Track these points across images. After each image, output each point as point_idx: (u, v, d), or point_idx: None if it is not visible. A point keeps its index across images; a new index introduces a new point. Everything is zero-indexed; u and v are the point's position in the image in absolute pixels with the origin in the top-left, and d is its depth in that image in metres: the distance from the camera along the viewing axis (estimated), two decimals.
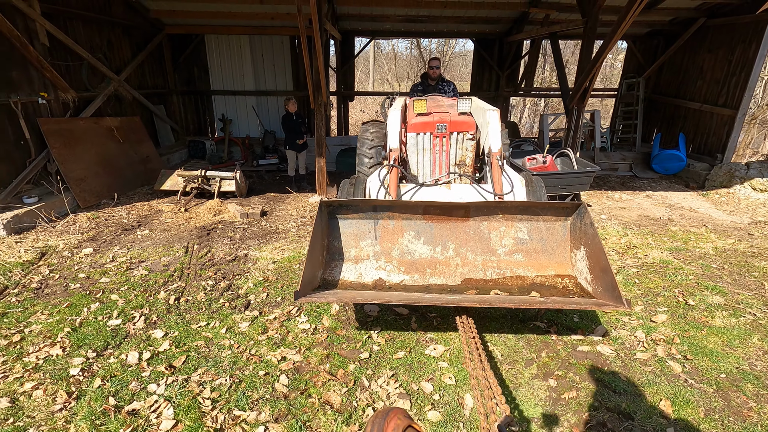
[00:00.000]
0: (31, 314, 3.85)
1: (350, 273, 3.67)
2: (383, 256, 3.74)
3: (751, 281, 4.42)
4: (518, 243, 3.69)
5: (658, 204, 7.90)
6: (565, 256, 3.61)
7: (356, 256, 3.74)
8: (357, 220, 3.71)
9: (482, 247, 3.71)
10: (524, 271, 3.64)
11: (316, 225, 3.32)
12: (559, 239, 3.64)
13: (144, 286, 4.38)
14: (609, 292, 2.89)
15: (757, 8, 8.91)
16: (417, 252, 3.74)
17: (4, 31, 5.94)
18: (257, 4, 9.13)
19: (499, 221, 3.68)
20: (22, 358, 3.23)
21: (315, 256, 3.35)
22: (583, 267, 3.39)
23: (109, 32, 8.56)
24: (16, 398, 2.84)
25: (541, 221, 3.64)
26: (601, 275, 3.08)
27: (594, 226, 3.21)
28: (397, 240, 3.75)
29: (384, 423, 1.25)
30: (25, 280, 4.53)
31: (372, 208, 3.69)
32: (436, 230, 3.73)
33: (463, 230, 3.72)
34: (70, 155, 6.93)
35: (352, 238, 3.74)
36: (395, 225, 3.74)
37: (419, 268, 3.70)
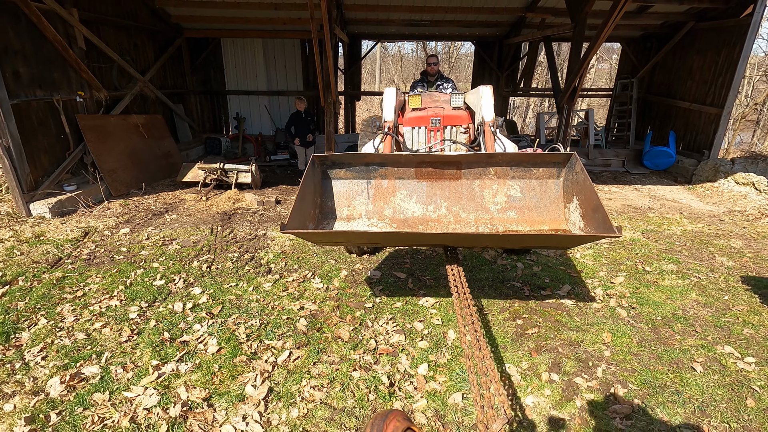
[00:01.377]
0: (87, 277, 4.60)
1: (341, 229, 3.71)
2: (375, 215, 3.78)
3: (706, 254, 5.10)
4: (511, 200, 3.69)
5: (644, 196, 8.55)
6: (559, 212, 3.59)
7: (348, 215, 3.77)
8: (349, 179, 3.75)
9: (475, 205, 3.73)
10: (517, 226, 3.65)
11: (306, 175, 3.33)
12: (552, 196, 3.62)
13: (179, 257, 5.13)
14: (602, 225, 2.88)
15: (740, 12, 9.57)
16: (409, 210, 3.78)
17: (48, 37, 6.75)
18: (271, 10, 9.90)
19: (492, 179, 3.69)
20: (87, 307, 3.99)
21: (304, 206, 3.36)
22: (576, 217, 3.36)
23: (136, 36, 9.38)
24: (89, 333, 3.59)
25: (533, 179, 3.63)
26: (592, 215, 3.07)
27: (585, 172, 3.18)
28: (390, 199, 3.79)
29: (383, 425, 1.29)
30: (75, 252, 5.30)
31: (364, 164, 3.70)
32: (428, 189, 3.76)
33: (456, 188, 3.74)
34: (103, 148, 7.72)
35: (345, 197, 3.78)
36: (388, 184, 3.77)
37: (411, 225, 3.74)
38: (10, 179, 6.23)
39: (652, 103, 12.32)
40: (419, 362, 3.19)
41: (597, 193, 3.00)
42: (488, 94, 4.63)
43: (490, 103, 4.55)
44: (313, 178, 3.59)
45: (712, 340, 3.38)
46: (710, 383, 2.90)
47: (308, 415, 2.71)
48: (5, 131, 6.03)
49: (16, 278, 4.51)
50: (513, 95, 13.45)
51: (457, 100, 4.92)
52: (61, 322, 3.75)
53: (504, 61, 12.52)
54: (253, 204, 7.50)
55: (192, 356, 3.28)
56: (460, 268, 3.12)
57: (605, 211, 2.83)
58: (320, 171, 3.69)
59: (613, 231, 2.68)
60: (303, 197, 3.26)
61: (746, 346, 3.29)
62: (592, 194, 3.07)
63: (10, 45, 6.23)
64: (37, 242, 5.46)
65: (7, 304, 3.98)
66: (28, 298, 4.13)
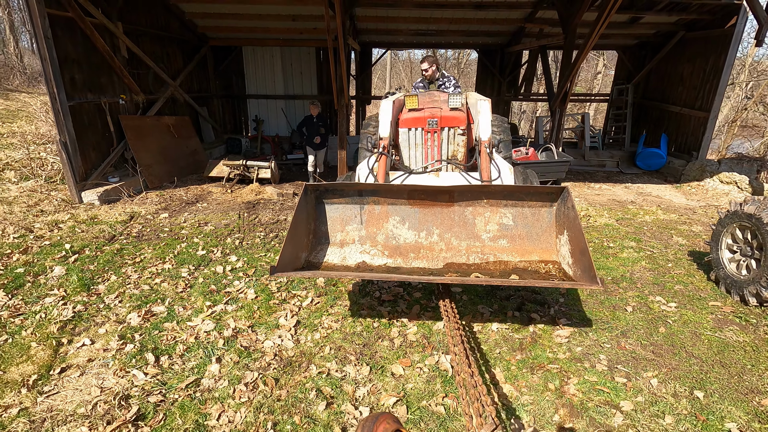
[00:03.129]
0: (140, 249, 5.58)
1: (335, 256, 3.77)
2: (368, 240, 3.82)
3: (666, 236, 5.95)
4: (503, 228, 3.72)
5: (631, 192, 9.38)
6: (550, 242, 3.61)
7: (342, 240, 3.82)
8: (343, 204, 3.79)
9: (467, 233, 3.76)
10: (508, 256, 3.66)
11: (299, 206, 3.40)
12: (544, 225, 3.64)
13: (214, 235, 6.10)
14: (586, 272, 2.95)
15: (725, 23, 10.40)
16: (402, 237, 3.81)
17: (98, 47, 7.82)
18: (289, 21, 10.95)
19: (484, 207, 3.71)
20: (146, 269, 4.96)
21: (297, 236, 3.46)
22: (566, 252, 3.40)
23: (168, 46, 10.47)
24: (152, 286, 4.56)
25: (526, 207, 3.64)
26: (579, 257, 3.11)
27: (575, 209, 3.23)
28: (383, 225, 3.83)
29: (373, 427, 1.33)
30: (125, 231, 6.30)
31: (357, 192, 3.74)
32: (421, 215, 3.80)
33: (448, 215, 3.77)
34: (141, 146, 8.77)
35: (338, 222, 3.83)
36: (381, 210, 3.81)
37: (403, 252, 3.77)
38: (66, 170, 7.27)
39: (647, 107, 13.12)
40: (412, 305, 4.11)
41: (584, 235, 3.05)
42: (486, 109, 4.45)
43: (488, 120, 4.41)
44: (306, 207, 3.63)
45: (647, 292, 4.27)
46: (635, 319, 3.79)
47: (327, 337, 3.64)
48: (64, 129, 7.09)
49: (82, 249, 5.51)
50: (514, 99, 14.36)
51: (455, 101, 4.75)
52: (128, 279, 4.73)
53: (506, 67, 13.44)
54: (273, 195, 8.48)
55: (235, 301, 4.24)
56: (452, 304, 3.21)
57: (590, 257, 2.90)
58: (314, 198, 3.74)
59: (596, 282, 2.76)
60: (295, 229, 3.35)
61: (672, 297, 4.17)
62: (579, 234, 3.11)
63: (69, 55, 7.31)
64: (92, 223, 6.48)
65: (80, 267, 4.97)
66: (96, 262, 5.12)
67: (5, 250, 5.28)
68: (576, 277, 3.16)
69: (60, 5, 6.95)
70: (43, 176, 8.13)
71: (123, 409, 2.83)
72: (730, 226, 4.27)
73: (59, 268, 4.90)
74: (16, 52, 22.07)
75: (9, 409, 2.85)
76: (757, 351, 3.40)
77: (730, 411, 2.77)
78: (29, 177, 8.06)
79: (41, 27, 6.55)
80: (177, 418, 2.78)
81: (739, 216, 4.14)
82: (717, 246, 4.40)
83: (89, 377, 3.17)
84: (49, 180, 8.07)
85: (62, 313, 3.96)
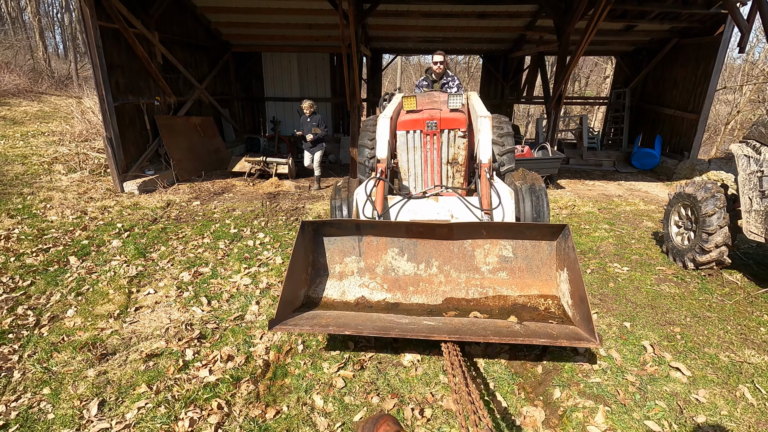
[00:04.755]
0: (180, 228, 6.59)
1: (334, 290, 3.79)
2: (367, 273, 3.83)
3: (638, 221, 6.81)
4: (502, 261, 3.71)
5: (622, 188, 10.20)
6: (551, 276, 3.61)
7: (341, 272, 3.84)
8: (341, 237, 3.82)
9: (466, 265, 3.75)
10: (507, 290, 3.66)
11: (297, 245, 3.45)
12: (544, 258, 3.63)
13: (243, 218, 7.10)
14: (584, 322, 2.96)
15: (714, 31, 11.21)
16: (401, 269, 3.82)
17: (138, 54, 8.90)
18: (306, 29, 12.00)
19: (484, 239, 3.73)
20: (189, 243, 5.96)
21: (296, 276, 3.51)
22: (565, 289, 3.42)
23: (195, 52, 11.57)
24: (195, 254, 5.55)
25: (526, 240, 3.66)
26: (579, 304, 3.12)
27: (575, 250, 3.23)
28: (381, 257, 3.84)
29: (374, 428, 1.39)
30: (165, 215, 7.32)
31: (355, 226, 3.77)
32: (420, 247, 3.79)
33: (447, 247, 3.77)
34: (173, 143, 9.83)
35: (337, 254, 3.85)
36: (379, 242, 3.83)
37: (402, 285, 3.78)
38: (111, 163, 8.34)
39: (644, 110, 13.93)
40: None
41: (583, 281, 3.06)
42: (486, 128, 4.36)
43: (488, 139, 4.33)
44: (304, 242, 3.66)
45: (607, 260, 5.16)
46: (593, 278, 4.69)
47: None
48: (110, 126, 8.16)
49: (132, 227, 6.53)
50: (517, 102, 15.25)
51: (454, 102, 4.67)
52: (175, 249, 5.73)
53: (508, 72, 14.35)
54: (291, 188, 9.47)
55: (266, 265, 5.20)
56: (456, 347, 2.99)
57: (588, 306, 2.92)
58: (311, 232, 3.77)
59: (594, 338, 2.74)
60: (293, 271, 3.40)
61: (627, 263, 5.06)
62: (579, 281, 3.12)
63: (114, 61, 8.39)
64: (135, 208, 7.52)
65: (134, 240, 5.98)
66: (146, 237, 6.13)
67: (68, 228, 6.33)
68: (575, 322, 3.16)
69: (108, 18, 8.04)
70: (87, 169, 9.22)
71: (189, 331, 3.81)
72: (676, 206, 5.13)
73: (116, 241, 5.93)
74: (45, 57, 23.49)
75: (104, 331, 3.84)
76: (682, 299, 4.28)
77: (648, 335, 3.66)
78: (76, 170, 9.16)
79: (94, 37, 7.63)
80: (230, 337, 3.74)
81: (682, 196, 5.01)
82: (667, 223, 5.27)
83: (159, 312, 4.15)
84: (93, 172, 9.15)
85: (128, 272, 4.97)
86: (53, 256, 5.36)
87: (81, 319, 4.02)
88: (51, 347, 3.59)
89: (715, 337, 3.66)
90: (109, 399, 3.03)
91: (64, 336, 3.75)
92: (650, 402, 2.91)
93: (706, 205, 4.56)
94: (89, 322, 3.98)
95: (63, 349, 3.57)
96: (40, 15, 24.22)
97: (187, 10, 10.90)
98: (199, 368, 3.33)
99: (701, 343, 3.57)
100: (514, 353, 3.50)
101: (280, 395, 3.07)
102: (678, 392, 3.01)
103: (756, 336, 3.68)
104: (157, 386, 3.11)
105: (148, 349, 3.55)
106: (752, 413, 2.85)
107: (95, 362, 3.41)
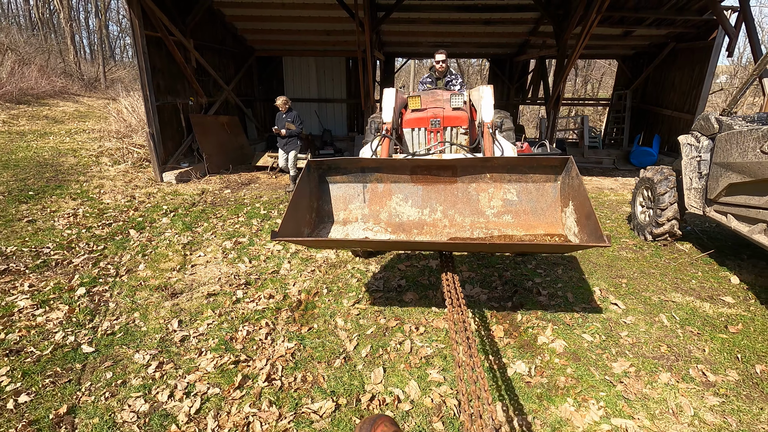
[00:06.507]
0: (216, 210, 7.72)
1: (337, 233, 3.85)
2: (371, 219, 3.87)
3: (618, 207, 7.76)
4: (507, 204, 3.72)
5: (617, 183, 11.10)
6: (556, 216, 3.63)
7: (344, 219, 3.89)
8: (346, 183, 3.84)
9: (470, 209, 3.78)
10: (513, 231, 3.69)
11: (301, 180, 3.47)
12: (549, 200, 3.64)
13: (270, 203, 8.22)
14: (593, 234, 2.97)
15: (708, 36, 12.07)
16: (405, 214, 3.85)
17: (176, 59, 10.12)
18: (324, 35, 13.16)
19: (488, 183, 3.72)
20: (226, 221, 7.08)
21: (299, 210, 3.51)
22: (571, 222, 3.41)
23: (223, 57, 12.79)
24: (234, 229, 6.67)
25: (530, 182, 3.66)
26: (585, 221, 3.16)
27: (580, 176, 3.25)
28: (386, 203, 3.87)
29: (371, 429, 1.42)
30: (201, 200, 8.47)
31: (360, 169, 3.78)
32: (424, 193, 3.81)
33: (452, 192, 3.78)
34: (204, 139, 11.02)
35: (341, 201, 3.89)
36: (383, 188, 3.84)
37: (406, 229, 3.81)
38: (153, 156, 9.54)
39: (644, 111, 14.78)
40: None
41: (590, 200, 3.07)
42: (488, 93, 4.66)
43: (490, 103, 4.60)
44: (309, 183, 3.67)
45: None
46: None
47: None
48: (152, 123, 9.36)
49: (175, 209, 7.69)
50: (522, 104, 16.22)
51: (457, 101, 4.92)
52: (215, 225, 6.85)
53: (514, 75, 15.33)
54: None
55: None
56: (455, 276, 3.12)
57: (596, 219, 2.92)
58: (316, 176, 3.79)
59: (603, 240, 2.73)
60: (296, 203, 3.38)
61: None
62: (585, 200, 3.12)
63: (156, 65, 9.61)
64: (175, 194, 8.69)
65: (179, 218, 7.13)
66: (189, 216, 7.28)
67: (123, 208, 7.50)
68: (582, 241, 3.17)
69: (153, 27, 9.26)
70: (129, 162, 10.45)
71: (237, 279, 4.91)
72: (641, 188, 6.10)
73: (165, 218, 7.09)
74: (75, 60, 25.12)
75: (170, 279, 4.96)
76: (636, 261, 5.26)
77: (599, 284, 4.66)
78: (120, 162, 10.40)
79: (141, 45, 8.85)
80: (269, 284, 4.83)
81: (644, 180, 5.98)
82: (634, 203, 6.24)
83: (211, 267, 5.27)
84: (134, 164, 10.38)
85: (180, 240, 6.11)
86: (116, 229, 6.52)
87: (150, 271, 5.15)
88: (132, 289, 4.72)
89: (653, 286, 4.64)
90: (185, 319, 4.14)
91: (141, 282, 4.88)
92: (589, 323, 3.92)
93: (660, 186, 5.53)
94: (157, 273, 5.11)
95: (142, 290, 4.70)
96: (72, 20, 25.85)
97: (217, 18, 12.13)
98: (247, 303, 4.43)
99: (640, 290, 4.56)
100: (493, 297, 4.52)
101: (311, 319, 4.15)
102: (611, 318, 4.02)
103: (686, 285, 4.65)
104: (218, 311, 4.22)
105: (208, 290, 4.66)
106: (663, 330, 3.84)
107: (168, 298, 4.52)
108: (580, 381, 3.22)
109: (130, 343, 3.77)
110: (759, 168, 4.00)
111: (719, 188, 4.60)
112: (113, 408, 3.02)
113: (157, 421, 2.90)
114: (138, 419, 2.92)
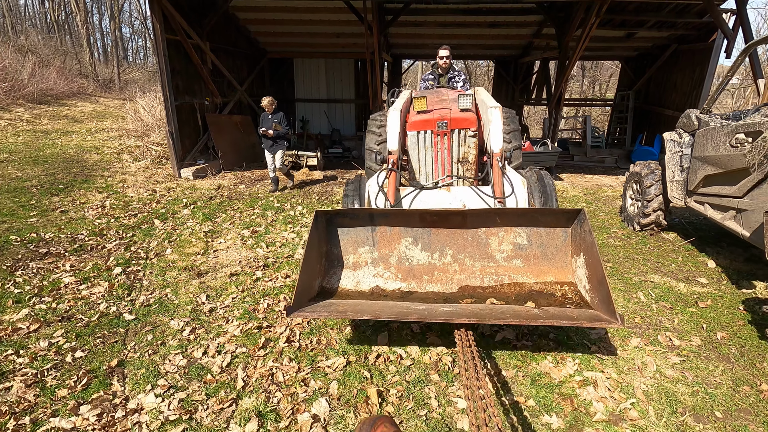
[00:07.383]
0: (232, 203, 8.27)
1: (348, 280, 3.84)
2: (381, 263, 3.87)
3: (613, 201, 8.20)
4: (517, 248, 3.72)
5: (616, 181, 11.50)
6: (566, 262, 3.61)
7: (354, 263, 3.89)
8: (354, 227, 3.85)
9: (480, 253, 3.77)
10: (523, 277, 3.67)
11: (311, 235, 3.47)
12: (559, 245, 3.65)
13: (282, 197, 8.76)
14: (604, 304, 2.97)
15: (708, 38, 12.46)
16: (414, 258, 3.85)
17: (194, 61, 10.71)
18: (333, 38, 13.72)
19: (498, 226, 3.75)
20: (242, 213, 7.63)
21: (311, 266, 3.53)
22: (582, 274, 3.42)
23: (237, 58, 13.39)
24: (250, 220, 7.21)
25: (541, 227, 3.67)
26: (597, 286, 3.13)
27: (592, 234, 3.22)
28: (395, 246, 3.86)
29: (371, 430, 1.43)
30: (218, 194, 9.03)
31: (369, 215, 3.81)
32: (433, 236, 3.82)
33: (461, 236, 3.79)
34: (219, 138, 11.60)
35: (351, 244, 3.89)
36: (393, 231, 3.85)
37: (416, 274, 3.81)
38: (171, 153, 10.13)
39: (647, 111, 15.16)
40: None
41: (602, 264, 3.05)
42: (497, 118, 4.46)
43: (499, 129, 4.42)
44: (318, 233, 3.68)
45: None
46: None
47: None
48: (172, 122, 9.95)
49: (195, 202, 8.25)
50: (526, 104, 16.66)
51: (465, 102, 4.75)
52: (233, 216, 7.40)
53: (519, 76, 15.79)
54: (320, 176, 11.13)
55: (306, 226, 6.82)
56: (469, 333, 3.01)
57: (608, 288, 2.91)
58: (324, 222, 3.82)
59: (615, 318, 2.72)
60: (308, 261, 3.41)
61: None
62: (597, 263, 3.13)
63: (175, 67, 10.20)
64: (193, 189, 9.26)
65: (199, 210, 7.68)
66: (208, 209, 7.83)
67: (146, 201, 8.08)
68: (594, 305, 3.18)
69: (173, 31, 9.85)
70: (148, 159, 11.06)
71: (256, 262, 5.44)
72: (630, 182, 6.56)
73: (186, 210, 7.65)
74: (91, 62, 25.94)
75: (195, 261, 5.50)
76: (623, 248, 5.73)
77: None
78: (140, 159, 11.01)
79: (162, 48, 9.44)
80: (285, 266, 5.36)
81: (633, 174, 6.44)
82: (624, 196, 6.70)
83: (232, 252, 5.81)
84: (153, 161, 10.98)
85: (202, 229, 6.66)
86: (141, 219, 7.09)
87: (177, 255, 5.70)
88: (163, 269, 5.27)
89: (635, 269, 5.11)
90: (212, 294, 4.67)
91: (169, 263, 5.43)
92: None
93: (646, 180, 5.98)
94: (184, 257, 5.66)
95: (171, 270, 5.25)
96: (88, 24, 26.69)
97: (231, 22, 12.73)
98: (267, 281, 4.96)
99: (623, 272, 5.03)
100: None
101: None
102: None
103: (666, 269, 5.11)
104: (241, 288, 4.76)
105: (230, 271, 5.20)
106: (639, 305, 4.31)
107: (195, 277, 5.07)
108: (561, 344, 3.70)
109: (165, 312, 4.31)
110: (729, 160, 4.45)
111: (697, 180, 5.05)
112: (156, 362, 3.55)
113: (194, 372, 3.43)
114: (178, 370, 3.45)
